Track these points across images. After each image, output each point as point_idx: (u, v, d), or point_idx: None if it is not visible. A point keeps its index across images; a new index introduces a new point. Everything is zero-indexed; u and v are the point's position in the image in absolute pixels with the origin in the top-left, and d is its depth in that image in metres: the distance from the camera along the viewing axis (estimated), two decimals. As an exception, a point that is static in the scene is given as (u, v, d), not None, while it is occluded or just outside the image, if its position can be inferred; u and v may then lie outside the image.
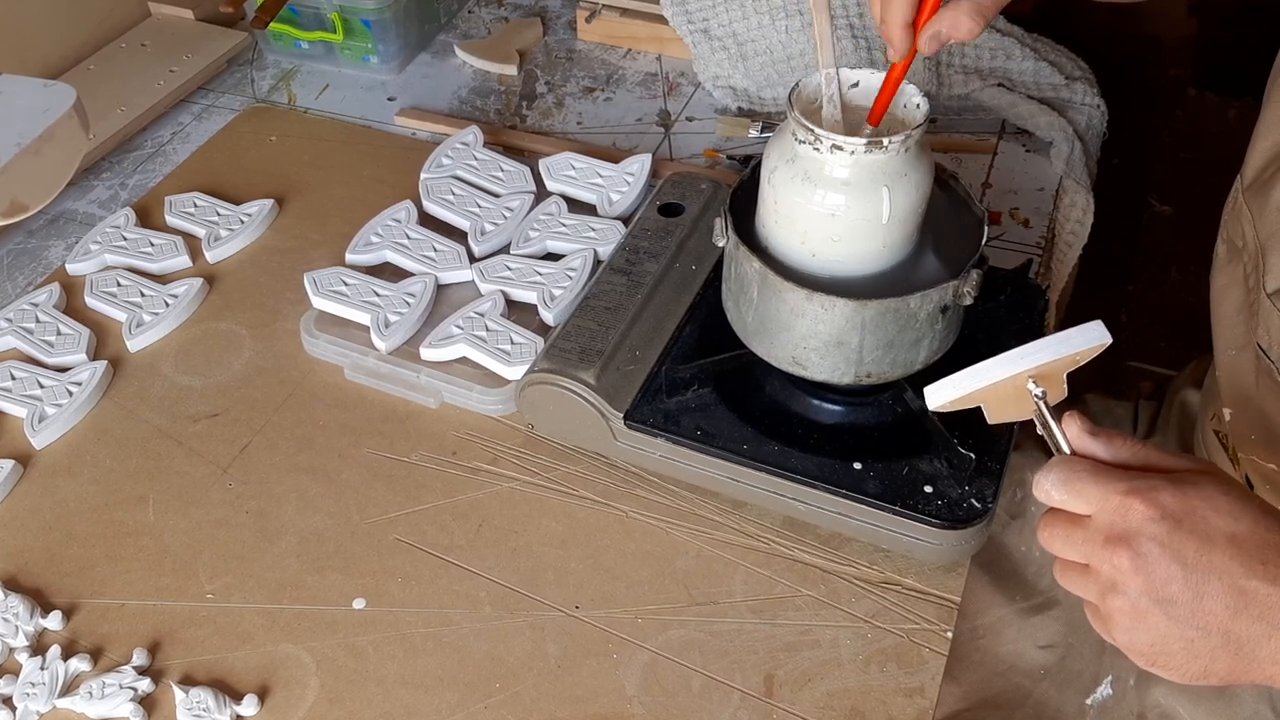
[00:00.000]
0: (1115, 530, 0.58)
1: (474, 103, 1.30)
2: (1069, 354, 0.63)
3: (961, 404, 0.66)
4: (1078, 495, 0.60)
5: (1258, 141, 0.81)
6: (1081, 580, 0.61)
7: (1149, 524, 0.58)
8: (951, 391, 0.65)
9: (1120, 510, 0.58)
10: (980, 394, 0.65)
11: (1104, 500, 0.59)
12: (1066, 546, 0.61)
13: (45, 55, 1.28)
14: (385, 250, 1.05)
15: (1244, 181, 0.82)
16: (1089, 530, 0.60)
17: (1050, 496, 0.61)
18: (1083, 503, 0.60)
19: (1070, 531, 0.61)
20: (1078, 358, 0.64)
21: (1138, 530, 0.58)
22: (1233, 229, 0.83)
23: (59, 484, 0.90)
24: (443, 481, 0.90)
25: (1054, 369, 0.64)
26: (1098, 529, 0.59)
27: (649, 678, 0.78)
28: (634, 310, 0.92)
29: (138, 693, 0.76)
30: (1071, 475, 0.61)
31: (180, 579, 0.83)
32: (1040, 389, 0.64)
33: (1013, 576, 0.91)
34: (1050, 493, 0.61)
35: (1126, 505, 0.58)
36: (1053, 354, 0.63)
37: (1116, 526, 0.58)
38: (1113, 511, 0.59)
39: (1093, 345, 0.64)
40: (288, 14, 1.29)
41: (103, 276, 1.05)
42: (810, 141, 0.75)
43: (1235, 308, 0.83)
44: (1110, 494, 0.59)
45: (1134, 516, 0.58)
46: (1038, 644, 0.89)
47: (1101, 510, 0.59)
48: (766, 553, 0.85)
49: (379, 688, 0.77)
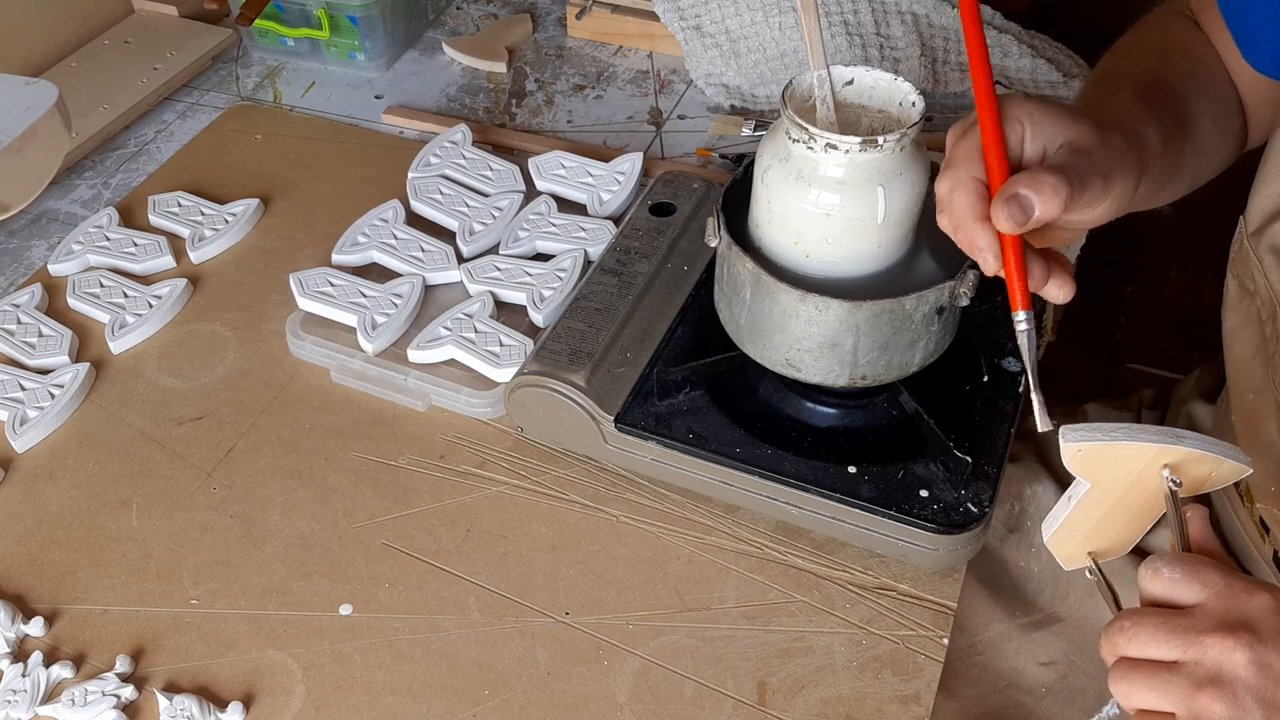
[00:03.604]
0: (1234, 615, 0.54)
1: (462, 100, 1.29)
2: (1213, 454, 0.60)
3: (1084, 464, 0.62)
4: (1195, 576, 0.56)
5: (1262, 187, 0.79)
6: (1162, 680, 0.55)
7: (1273, 615, 0.53)
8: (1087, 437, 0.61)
9: (1245, 594, 0.54)
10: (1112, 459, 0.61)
11: (1225, 585, 0.55)
12: (1158, 635, 0.55)
13: (27, 52, 1.27)
14: (372, 250, 1.04)
15: (1248, 226, 0.80)
16: (1196, 617, 0.55)
17: (1159, 573, 0.57)
18: (1198, 586, 0.56)
19: (1170, 619, 0.56)
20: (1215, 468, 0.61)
21: (1261, 619, 0.53)
22: (1241, 270, 0.81)
23: (40, 488, 0.89)
24: (431, 485, 0.89)
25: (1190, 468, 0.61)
26: (1210, 614, 0.54)
27: (640, 685, 0.77)
28: (625, 311, 0.91)
29: (121, 700, 0.75)
30: (1192, 558, 0.57)
31: (164, 584, 0.82)
32: (1178, 479, 0.61)
33: (1012, 591, 0.90)
34: (1161, 569, 0.57)
35: (1252, 591, 0.54)
36: (1204, 448, 0.60)
37: (1235, 612, 0.54)
38: (1234, 595, 0.54)
39: (1232, 462, 0.61)
40: (273, 11, 1.29)
41: (85, 277, 1.03)
42: (804, 140, 0.74)
43: (1250, 350, 0.81)
44: (1234, 580, 0.55)
45: (1258, 603, 0.54)
46: (1039, 661, 0.88)
47: (1221, 594, 0.55)
48: (759, 558, 0.84)
49: (366, 695, 0.76)
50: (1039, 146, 0.66)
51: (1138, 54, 0.84)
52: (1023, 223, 0.62)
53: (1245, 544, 0.84)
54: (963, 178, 0.65)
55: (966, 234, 0.65)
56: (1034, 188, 0.62)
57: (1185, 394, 0.99)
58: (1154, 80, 0.78)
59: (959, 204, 0.65)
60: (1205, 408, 0.95)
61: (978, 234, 0.65)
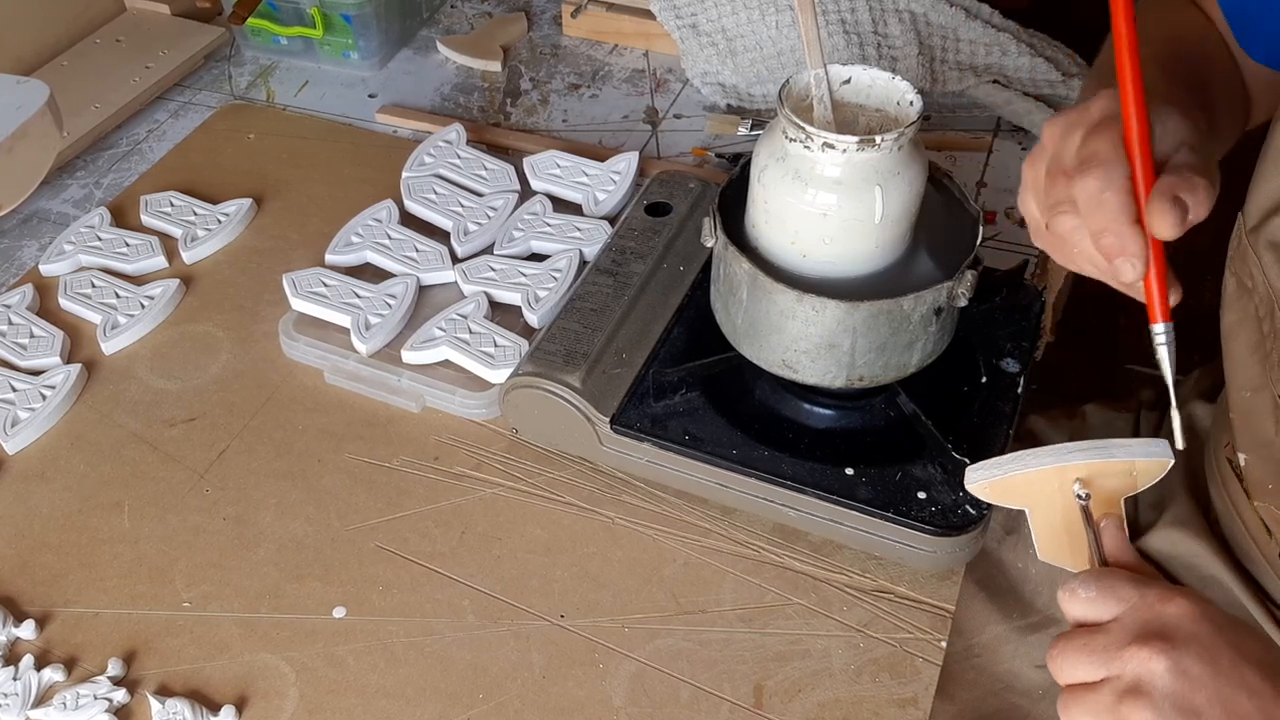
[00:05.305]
0: (1150, 627, 0.54)
1: (457, 100, 1.28)
2: (1121, 459, 0.60)
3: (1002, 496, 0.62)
4: (1109, 592, 0.56)
5: (1260, 183, 0.77)
6: (1091, 699, 0.55)
7: (1188, 622, 0.54)
8: (986, 474, 0.61)
9: (1159, 603, 0.54)
10: (1022, 486, 0.61)
11: (1140, 597, 0.55)
12: (1080, 656, 0.56)
13: (18, 51, 1.26)
14: (366, 251, 1.04)
15: (1246, 222, 0.79)
16: (1113, 633, 0.55)
17: (1075, 595, 0.57)
18: (1114, 602, 0.56)
19: (1090, 639, 0.56)
20: (1134, 470, 0.60)
21: (1176, 627, 0.54)
22: (1239, 267, 0.80)
23: (32, 490, 0.88)
24: (425, 487, 0.88)
25: (1105, 479, 0.60)
26: (1126, 627, 0.55)
27: (636, 688, 0.76)
28: (620, 312, 0.90)
29: (113, 704, 0.75)
30: (1105, 574, 0.57)
31: (156, 587, 0.82)
32: (1085, 492, 0.60)
33: (1009, 594, 0.90)
34: (1076, 590, 0.57)
35: (1166, 599, 0.54)
36: (1102, 455, 0.60)
37: (1152, 624, 0.54)
38: (1149, 607, 0.55)
39: (1152, 459, 0.60)
40: (266, 9, 1.28)
41: (77, 278, 1.03)
42: (801, 139, 0.74)
43: (1248, 347, 0.80)
44: (1148, 590, 0.55)
45: (1173, 611, 0.54)
46: (1035, 663, 0.87)
47: (1136, 607, 0.55)
48: (756, 560, 0.83)
49: (359, 698, 0.76)
50: (1166, 147, 0.63)
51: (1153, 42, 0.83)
52: (1183, 226, 0.59)
53: (1248, 546, 0.83)
54: (1116, 177, 0.60)
55: (1118, 238, 0.60)
56: (1190, 190, 0.59)
57: (1185, 394, 0.98)
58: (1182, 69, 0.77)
59: (1112, 205, 0.60)
60: (1205, 407, 0.95)
61: (1131, 238, 0.60)
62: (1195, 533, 0.87)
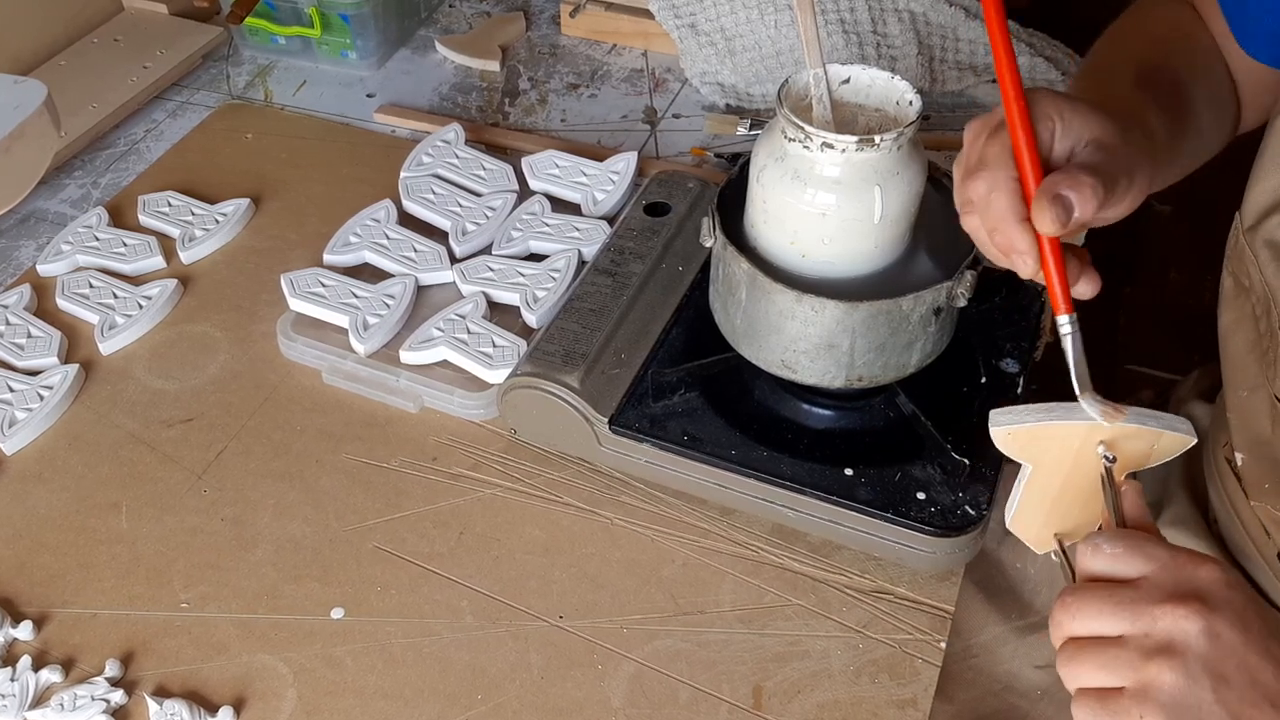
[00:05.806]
0: (1185, 587, 0.53)
1: (455, 99, 1.28)
2: (1153, 428, 0.59)
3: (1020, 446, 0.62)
4: (1137, 550, 0.55)
5: (1257, 182, 0.78)
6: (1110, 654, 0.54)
7: (1222, 587, 0.53)
8: (1014, 420, 0.61)
9: (1191, 565, 0.53)
10: (1045, 440, 0.61)
11: (1171, 557, 0.54)
12: (1104, 607, 0.54)
13: (15, 51, 1.26)
14: (364, 251, 1.04)
15: (1243, 221, 0.79)
16: (1143, 589, 0.54)
17: (1100, 549, 0.56)
18: (1141, 559, 0.55)
19: (1115, 591, 0.54)
20: (1156, 443, 0.60)
21: (1210, 591, 0.53)
22: (1237, 266, 0.80)
23: (29, 490, 0.88)
24: (423, 488, 0.88)
25: (1127, 445, 0.60)
26: (1158, 585, 0.53)
27: (635, 689, 0.76)
28: (619, 312, 0.90)
29: (110, 705, 0.75)
30: (1132, 532, 0.56)
31: (154, 588, 0.82)
32: (1111, 454, 0.60)
33: (1008, 594, 0.90)
34: (1101, 545, 0.56)
35: (1199, 562, 0.53)
36: (1136, 421, 0.59)
37: (1185, 585, 0.53)
38: (1180, 568, 0.53)
39: (1177, 435, 0.60)
40: (264, 9, 1.28)
41: (74, 278, 1.03)
42: (800, 139, 0.74)
43: (1245, 347, 0.80)
44: (1178, 552, 0.54)
45: (1205, 575, 0.53)
46: (1034, 664, 0.87)
47: (1168, 566, 0.54)
48: (755, 561, 0.83)
49: (357, 699, 0.76)
50: (1068, 144, 0.64)
51: (1135, 40, 0.84)
52: (1066, 223, 0.61)
53: (1245, 544, 0.83)
54: (1001, 179, 0.63)
55: (1005, 236, 0.63)
56: (1074, 188, 0.61)
57: (1184, 394, 0.98)
58: (1155, 68, 0.78)
59: (998, 205, 0.63)
60: (1204, 407, 0.95)
61: (1019, 236, 0.62)
62: (1194, 532, 0.87)
